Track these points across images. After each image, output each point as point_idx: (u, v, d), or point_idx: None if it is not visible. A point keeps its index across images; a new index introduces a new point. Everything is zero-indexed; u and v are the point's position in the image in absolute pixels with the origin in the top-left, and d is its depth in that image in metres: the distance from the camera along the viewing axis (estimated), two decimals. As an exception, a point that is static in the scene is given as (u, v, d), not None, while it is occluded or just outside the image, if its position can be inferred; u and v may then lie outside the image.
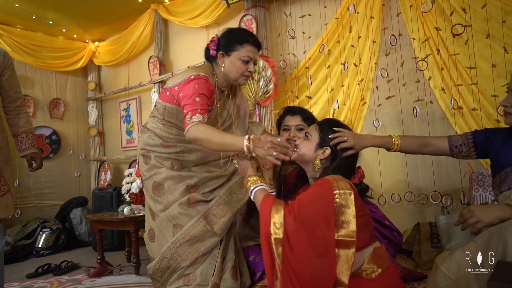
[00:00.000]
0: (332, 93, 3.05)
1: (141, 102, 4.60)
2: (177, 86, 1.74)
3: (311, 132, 1.60)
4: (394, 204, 2.77)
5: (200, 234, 1.70)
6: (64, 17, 4.21)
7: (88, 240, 4.19)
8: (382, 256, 1.48)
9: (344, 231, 1.32)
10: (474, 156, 1.60)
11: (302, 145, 1.59)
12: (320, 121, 1.67)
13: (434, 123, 2.66)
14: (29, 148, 2.19)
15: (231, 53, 1.77)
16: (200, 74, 1.72)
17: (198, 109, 1.62)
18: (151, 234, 1.83)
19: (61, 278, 2.76)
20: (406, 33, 2.77)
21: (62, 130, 4.82)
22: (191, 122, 1.59)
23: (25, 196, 4.37)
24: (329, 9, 3.09)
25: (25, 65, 4.52)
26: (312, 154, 1.56)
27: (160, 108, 1.84)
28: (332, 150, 1.53)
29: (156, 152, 1.84)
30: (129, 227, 2.76)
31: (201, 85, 1.68)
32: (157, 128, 1.85)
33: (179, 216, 1.73)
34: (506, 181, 1.45)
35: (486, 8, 2.36)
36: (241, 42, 1.76)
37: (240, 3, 3.43)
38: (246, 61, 1.77)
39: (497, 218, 1.24)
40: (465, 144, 1.59)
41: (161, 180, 1.80)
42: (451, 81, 2.52)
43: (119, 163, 4.75)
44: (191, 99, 1.64)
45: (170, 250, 1.71)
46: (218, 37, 1.83)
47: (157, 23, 4.20)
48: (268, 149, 1.42)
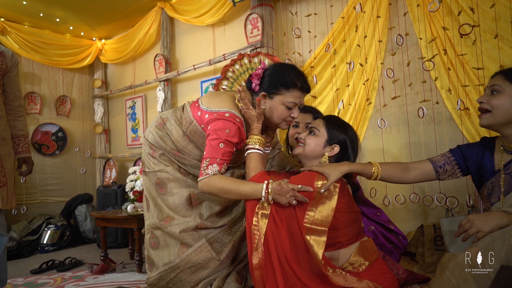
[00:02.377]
0: (337, 93, 3.03)
1: (147, 100, 4.62)
2: (208, 114, 1.60)
3: (319, 128, 1.59)
4: (398, 206, 2.75)
5: (203, 261, 1.61)
6: (71, 15, 4.23)
7: (92, 237, 4.21)
8: (369, 249, 1.49)
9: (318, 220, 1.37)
10: (459, 173, 1.56)
11: (310, 140, 1.59)
12: (325, 117, 1.66)
13: (440, 124, 2.63)
14: (24, 152, 2.26)
15: (274, 96, 1.58)
16: (237, 116, 1.57)
17: (218, 158, 1.50)
18: (155, 242, 1.72)
19: (64, 275, 2.78)
20: (413, 32, 2.74)
21: (68, 127, 4.86)
22: (205, 173, 1.49)
23: (31, 192, 4.41)
24: (335, 8, 3.07)
25: (32, 62, 4.56)
26: (320, 150, 1.57)
27: (187, 121, 1.72)
28: (341, 147, 1.53)
29: (166, 151, 1.75)
30: (132, 224, 2.77)
31: (232, 132, 1.53)
32: (175, 135, 1.73)
33: (186, 237, 1.64)
34: (494, 192, 1.44)
35: (494, 8, 2.32)
36: (288, 86, 1.56)
37: (246, 2, 3.41)
38: (291, 107, 1.57)
39: (497, 226, 1.23)
40: (448, 163, 1.56)
41: (165, 179, 1.72)
42: (458, 82, 2.49)
43: (124, 160, 4.77)
44: (215, 142, 1.52)
45: (169, 274, 1.63)
46: (264, 68, 1.65)
47: (163, 21, 4.21)
48: (290, 197, 1.40)
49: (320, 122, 1.61)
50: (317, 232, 1.35)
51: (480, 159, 1.50)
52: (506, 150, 1.45)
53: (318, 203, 1.39)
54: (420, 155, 2.69)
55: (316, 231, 1.35)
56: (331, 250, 1.45)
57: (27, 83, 4.54)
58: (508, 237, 1.10)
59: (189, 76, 4.07)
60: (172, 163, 1.74)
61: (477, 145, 1.55)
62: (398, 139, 2.83)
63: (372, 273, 1.40)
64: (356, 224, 1.51)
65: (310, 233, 1.35)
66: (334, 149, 1.55)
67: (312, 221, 1.37)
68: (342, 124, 1.62)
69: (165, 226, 1.67)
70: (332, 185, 1.41)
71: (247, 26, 3.32)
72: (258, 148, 1.58)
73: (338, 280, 1.32)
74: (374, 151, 2.93)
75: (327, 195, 1.40)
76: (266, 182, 1.43)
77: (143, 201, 1.87)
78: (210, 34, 3.92)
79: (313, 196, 1.40)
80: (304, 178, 1.45)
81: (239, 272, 1.69)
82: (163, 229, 1.68)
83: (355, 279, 1.34)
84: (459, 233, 1.32)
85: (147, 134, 1.81)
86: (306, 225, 1.36)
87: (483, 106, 1.43)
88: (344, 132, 1.57)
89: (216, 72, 3.78)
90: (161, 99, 4.11)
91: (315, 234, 1.35)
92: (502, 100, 1.39)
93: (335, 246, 1.46)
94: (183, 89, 4.19)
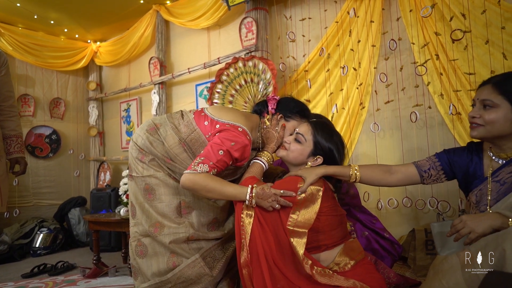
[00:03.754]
0: (331, 97, 3.04)
1: (142, 103, 4.61)
2: (219, 124, 1.61)
3: (306, 136, 1.58)
4: (391, 210, 2.76)
5: (196, 277, 1.57)
6: (65, 17, 4.22)
7: (86, 240, 4.19)
8: (355, 249, 1.51)
9: (300, 223, 1.40)
10: (444, 178, 1.56)
11: (294, 147, 1.59)
12: (314, 123, 1.62)
13: (432, 129, 2.65)
14: (17, 152, 2.22)
15: (290, 120, 1.72)
16: (249, 135, 1.60)
17: (212, 162, 1.48)
18: (142, 250, 1.64)
19: (56, 279, 2.76)
20: (406, 37, 2.76)
21: (62, 129, 4.83)
22: (194, 169, 1.46)
23: (23, 195, 4.38)
24: (329, 12, 3.09)
25: (26, 64, 4.54)
26: (303, 159, 1.58)
27: (188, 128, 1.67)
28: (324, 159, 1.54)
29: (156, 157, 1.67)
30: (125, 228, 2.76)
31: (238, 147, 1.54)
32: (170, 141, 1.66)
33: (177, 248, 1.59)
34: (483, 200, 1.43)
35: (485, 14, 2.35)
36: (303, 116, 1.73)
37: (241, 6, 3.43)
38: (291, 134, 1.69)
39: (490, 227, 1.22)
40: (433, 168, 1.55)
41: (154, 185, 1.64)
42: (450, 87, 2.51)
43: (119, 163, 4.75)
44: (216, 147, 1.51)
45: (160, 287, 1.58)
46: (279, 97, 1.79)
47: (158, 24, 4.21)
48: (272, 201, 1.43)
49: (307, 129, 1.59)
50: (299, 234, 1.38)
51: (467, 165, 1.50)
52: (495, 158, 1.45)
53: (302, 206, 1.41)
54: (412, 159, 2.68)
55: (297, 233, 1.38)
56: (316, 252, 1.47)
57: (20, 85, 4.51)
58: (501, 241, 1.09)
59: (183, 79, 4.07)
60: (162, 169, 1.67)
61: (464, 150, 1.54)
62: (391, 143, 2.84)
63: (358, 272, 1.41)
64: (341, 227, 1.52)
65: (293, 235, 1.38)
66: (317, 160, 1.56)
67: (295, 223, 1.40)
68: (329, 134, 1.59)
69: (155, 235, 1.60)
70: (316, 189, 1.43)
71: (241, 30, 3.33)
72: (264, 163, 1.67)
73: (324, 279, 1.33)
74: (367, 155, 2.95)
75: (311, 199, 1.42)
76: (251, 186, 1.44)
77: (128, 207, 1.78)
78: (205, 38, 3.93)
79: (297, 200, 1.42)
80: (288, 182, 1.47)
81: (232, 278, 1.68)
82: (153, 237, 1.61)
83: (342, 278, 1.35)
84: (451, 233, 1.31)
85: (136, 137, 1.72)
86: (289, 227, 1.39)
87: (476, 121, 1.40)
88: (330, 142, 1.57)
89: (211, 76, 3.78)
90: (155, 102, 4.10)
91: (297, 236, 1.38)
92: (495, 114, 1.37)
93: (320, 248, 1.47)
94: (178, 92, 4.19)
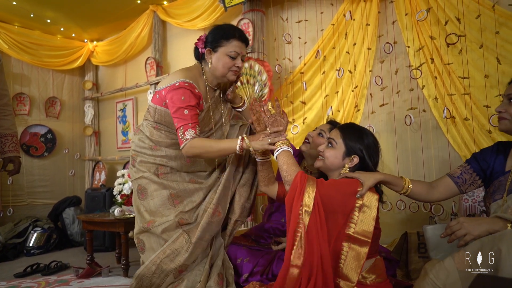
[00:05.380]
0: (326, 99, 3.05)
1: (138, 103, 4.60)
2: (163, 91, 1.76)
3: (336, 139, 1.59)
4: (385, 212, 2.76)
5: (180, 246, 1.69)
6: (62, 16, 4.21)
7: (80, 240, 4.17)
8: (381, 268, 1.50)
9: (360, 230, 1.37)
10: (479, 181, 1.56)
11: (328, 153, 1.59)
12: (342, 127, 1.66)
13: (427, 132, 2.66)
14: (11, 151, 2.21)
15: (218, 49, 1.77)
16: (186, 81, 1.71)
17: (189, 123, 1.66)
18: (141, 246, 1.82)
19: (49, 279, 2.74)
20: (401, 41, 2.77)
21: (58, 129, 4.81)
22: (185, 139, 1.66)
23: (18, 194, 4.35)
24: (325, 15, 3.10)
25: (22, 63, 4.52)
26: (339, 162, 1.58)
27: (151, 111, 1.85)
28: (360, 157, 1.54)
29: (144, 155, 1.86)
30: (119, 228, 2.75)
31: (187, 96, 1.68)
32: (148, 131, 1.87)
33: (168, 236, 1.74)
34: (499, 190, 1.45)
35: (480, 19, 2.37)
36: (228, 37, 1.76)
37: (238, 7, 3.43)
38: (233, 56, 1.76)
39: (486, 231, 1.23)
40: (465, 172, 1.57)
41: (145, 184, 1.82)
42: (445, 90, 2.52)
43: (114, 163, 4.74)
44: (179, 112, 1.67)
45: (150, 268, 1.69)
46: (205, 35, 1.83)
47: (155, 25, 4.21)
48: (263, 139, 1.59)
49: (337, 134, 1.61)
50: (360, 241, 1.36)
51: (492, 163, 1.52)
52: None
53: (359, 211, 1.40)
54: (406, 162, 2.72)
55: (358, 240, 1.36)
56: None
57: (16, 84, 4.49)
58: (497, 242, 1.10)
59: (180, 80, 4.06)
60: (149, 167, 1.84)
61: (491, 149, 1.56)
62: (386, 146, 2.85)
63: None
64: (377, 242, 1.52)
65: (352, 242, 1.36)
66: (354, 160, 1.55)
67: (354, 230, 1.38)
68: (358, 133, 1.60)
69: (148, 228, 1.76)
70: (373, 196, 1.42)
71: (238, 31, 3.33)
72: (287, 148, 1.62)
73: None
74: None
75: (367, 204, 1.40)
76: (241, 137, 1.64)
77: (135, 213, 1.95)
78: (202, 38, 3.93)
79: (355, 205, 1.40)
80: (347, 184, 1.45)
81: (219, 274, 1.73)
82: (148, 230, 1.76)
83: None
84: (446, 233, 1.31)
85: (131, 145, 1.96)
86: (348, 232, 1.38)
87: (502, 116, 1.45)
88: (360, 141, 1.57)
89: (207, 76, 3.78)
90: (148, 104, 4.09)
91: (357, 243, 1.36)
92: None
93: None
94: (174, 93, 4.18)
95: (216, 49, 1.77)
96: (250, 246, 2.06)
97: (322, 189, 1.42)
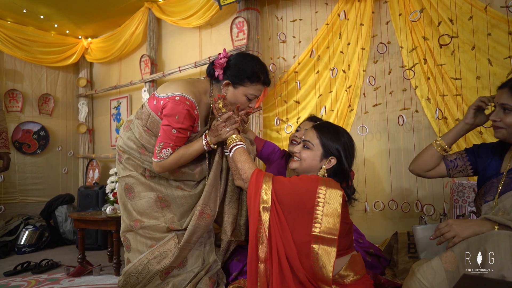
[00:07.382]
0: (320, 99, 3.05)
1: (132, 101, 4.58)
2: (162, 100, 1.68)
3: (312, 141, 1.57)
4: (377, 212, 2.77)
5: (168, 249, 1.69)
6: (55, 12, 4.17)
7: (72, 238, 4.15)
8: (359, 263, 1.50)
9: (326, 228, 1.37)
10: (470, 171, 1.59)
11: (305, 154, 1.56)
12: (317, 127, 1.61)
13: (419, 132, 2.67)
14: (0, 147, 2.20)
15: (239, 87, 1.68)
16: (188, 98, 1.62)
17: (171, 143, 1.64)
18: (127, 245, 1.81)
19: (39, 277, 2.72)
20: (395, 41, 2.78)
21: (51, 126, 4.78)
22: (160, 156, 1.64)
23: (9, 191, 4.32)
24: (320, 14, 3.09)
25: (15, 59, 4.48)
26: (317, 164, 1.55)
27: (145, 114, 1.78)
28: (337, 158, 1.53)
29: (131, 155, 1.82)
30: (111, 226, 2.74)
31: (182, 117, 1.61)
32: (138, 132, 1.81)
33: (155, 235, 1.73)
34: (491, 191, 1.46)
35: (472, 20, 2.37)
36: (253, 80, 1.68)
37: (233, 5, 3.42)
38: (251, 99, 1.70)
39: (474, 233, 1.24)
40: (459, 158, 1.59)
41: (133, 183, 1.79)
42: (437, 91, 2.53)
43: (108, 161, 4.71)
44: (168, 129, 1.63)
45: (137, 267, 1.68)
46: (227, 56, 1.71)
47: (150, 22, 4.18)
48: (221, 130, 1.57)
49: (313, 134, 1.58)
50: (327, 241, 1.36)
51: (488, 161, 1.53)
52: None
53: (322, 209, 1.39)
54: (399, 162, 2.73)
55: (326, 240, 1.36)
56: None
57: (8, 80, 4.45)
58: (483, 242, 1.12)
59: (174, 78, 4.04)
60: (137, 167, 1.80)
61: (491, 148, 1.56)
62: (378, 146, 2.86)
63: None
64: (349, 236, 1.51)
65: (320, 242, 1.36)
66: (331, 161, 1.54)
67: (320, 230, 1.38)
68: (335, 132, 1.58)
69: (135, 228, 1.74)
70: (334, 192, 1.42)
71: (233, 30, 3.33)
72: (241, 145, 1.61)
73: None
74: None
75: (328, 201, 1.40)
76: (204, 134, 1.66)
77: (120, 211, 1.94)
78: (197, 37, 3.92)
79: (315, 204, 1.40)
80: (306, 181, 1.45)
81: (211, 277, 1.72)
82: (134, 230, 1.75)
83: None
84: (435, 235, 1.33)
85: (118, 140, 1.89)
86: (315, 233, 1.37)
87: (497, 125, 1.45)
88: (337, 141, 1.55)
89: (202, 75, 3.76)
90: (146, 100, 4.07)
91: (325, 243, 1.36)
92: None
93: None
94: (168, 91, 4.17)
95: (236, 86, 1.68)
96: (241, 245, 2.06)
97: (277, 186, 1.42)
